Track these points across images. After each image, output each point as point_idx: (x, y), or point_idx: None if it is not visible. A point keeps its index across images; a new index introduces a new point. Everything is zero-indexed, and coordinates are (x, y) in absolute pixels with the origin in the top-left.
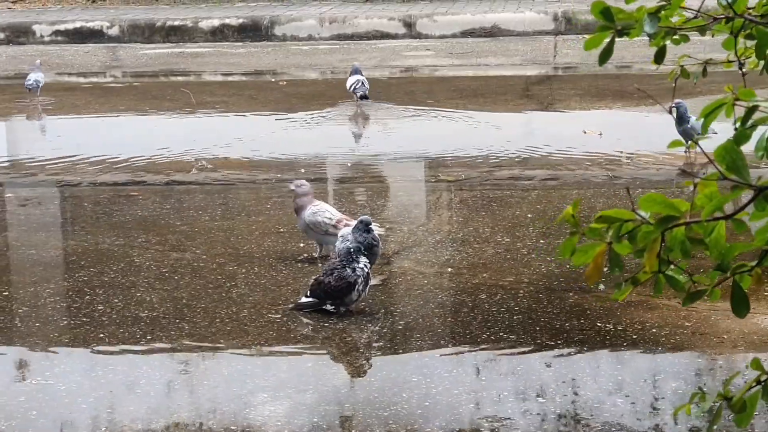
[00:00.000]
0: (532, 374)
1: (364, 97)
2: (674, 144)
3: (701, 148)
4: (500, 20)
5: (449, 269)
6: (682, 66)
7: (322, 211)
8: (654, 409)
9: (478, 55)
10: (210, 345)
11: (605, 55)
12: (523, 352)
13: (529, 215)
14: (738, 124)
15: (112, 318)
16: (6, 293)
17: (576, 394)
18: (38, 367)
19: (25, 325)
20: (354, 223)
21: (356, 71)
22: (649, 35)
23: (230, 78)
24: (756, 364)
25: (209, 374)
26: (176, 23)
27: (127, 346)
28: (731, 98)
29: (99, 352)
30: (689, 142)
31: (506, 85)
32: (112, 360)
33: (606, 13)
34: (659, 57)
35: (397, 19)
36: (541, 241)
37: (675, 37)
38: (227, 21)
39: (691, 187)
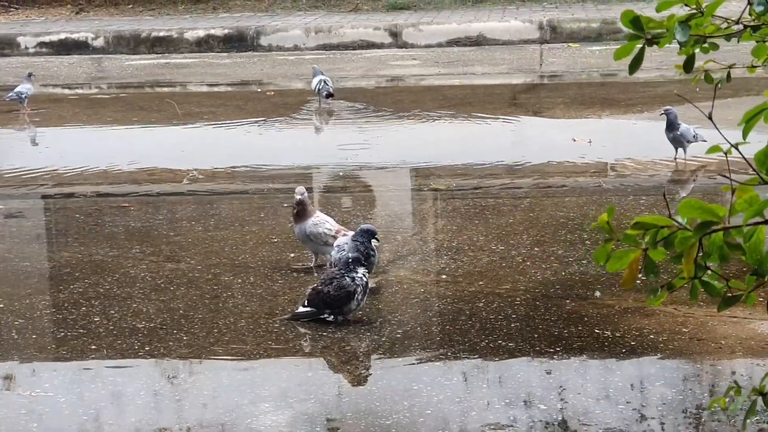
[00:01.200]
0: (533, 381)
1: (329, 95)
2: (713, 149)
3: (739, 151)
4: (486, 29)
5: (445, 277)
6: (706, 71)
7: (322, 222)
8: (654, 415)
9: (464, 64)
10: (209, 355)
11: (635, 64)
12: (523, 360)
13: (522, 223)
14: None
15: (109, 329)
16: (1, 305)
17: (577, 400)
18: (37, 380)
19: (22, 338)
20: (351, 233)
21: (318, 72)
22: (680, 43)
23: (216, 89)
24: None
25: (210, 384)
26: (161, 34)
27: (126, 358)
28: None
29: (98, 363)
30: (678, 149)
31: (493, 94)
32: (111, 371)
33: (636, 22)
34: (689, 65)
35: (382, 29)
36: (536, 248)
37: (704, 45)
38: (212, 32)
39: (682, 194)
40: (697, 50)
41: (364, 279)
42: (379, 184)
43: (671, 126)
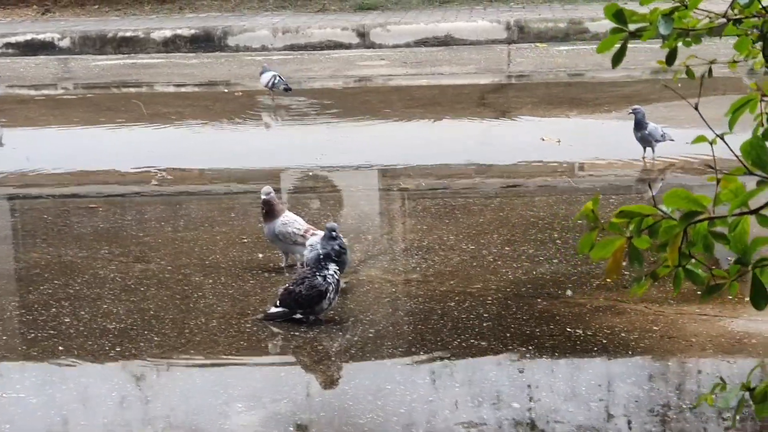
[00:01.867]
0: (505, 380)
1: (288, 89)
2: (698, 140)
3: (726, 143)
4: (453, 29)
5: (416, 277)
6: (688, 66)
7: (291, 221)
8: (626, 413)
9: (432, 64)
10: (181, 356)
11: (618, 58)
12: (495, 359)
13: (492, 222)
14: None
15: (80, 330)
16: None
17: (549, 399)
18: (8, 381)
19: None
20: (320, 233)
21: (267, 69)
22: (663, 37)
23: (184, 89)
24: None
25: (181, 385)
26: (128, 34)
27: (97, 358)
28: (757, 95)
29: (69, 364)
30: (647, 148)
31: (462, 94)
32: (82, 372)
33: (619, 15)
34: (671, 59)
35: (350, 29)
36: (507, 248)
37: (687, 39)
38: (179, 32)
39: (650, 192)
40: (679, 44)
41: (336, 277)
42: (349, 184)
43: (639, 125)
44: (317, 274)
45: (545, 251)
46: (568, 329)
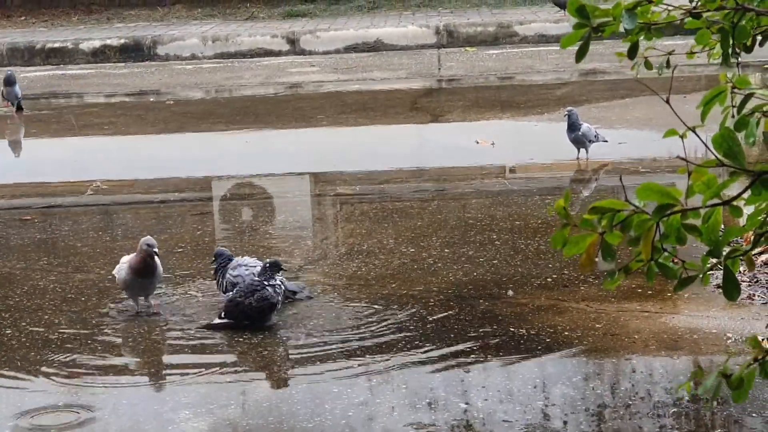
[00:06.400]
0: (452, 380)
1: (20, 109)
2: (670, 133)
3: (697, 135)
4: (383, 35)
5: (358, 281)
6: (646, 58)
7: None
8: (573, 410)
9: (363, 69)
10: (126, 363)
11: (581, 53)
12: (441, 360)
13: (431, 225)
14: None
15: (22, 341)
16: None
17: (496, 398)
18: None
19: None
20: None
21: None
22: (626, 31)
23: (114, 99)
24: (754, 341)
25: (127, 393)
26: (56, 45)
27: (43, 369)
28: (728, 86)
29: (13, 376)
30: (580, 149)
31: (394, 99)
32: (28, 384)
33: (581, 11)
34: (632, 52)
35: (280, 36)
36: (446, 250)
37: (649, 33)
38: (108, 42)
39: (585, 193)
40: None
41: (283, 286)
42: (285, 190)
43: (573, 127)
44: (266, 285)
45: (485, 252)
46: (512, 329)
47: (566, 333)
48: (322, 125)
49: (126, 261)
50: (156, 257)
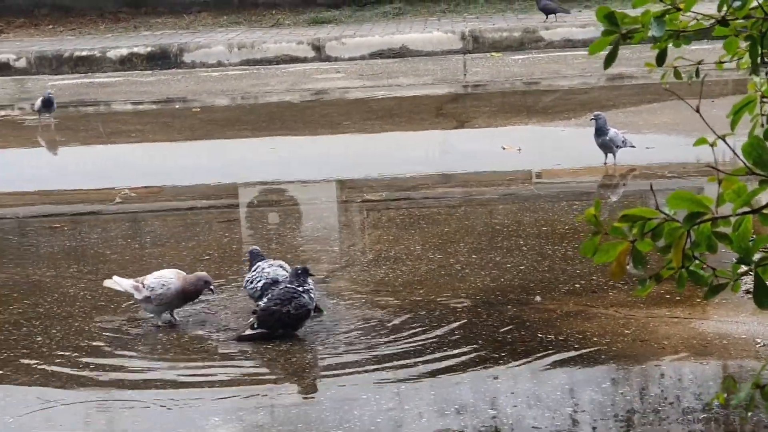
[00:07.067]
0: (481, 386)
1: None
2: (700, 142)
3: (727, 144)
4: (408, 41)
5: (385, 287)
6: (675, 68)
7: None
8: (602, 416)
9: (388, 76)
10: (155, 371)
11: (610, 59)
12: (469, 366)
13: (458, 231)
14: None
15: (53, 349)
16: None
17: (525, 404)
18: None
19: None
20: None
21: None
22: (655, 38)
23: (141, 106)
24: None
25: (159, 399)
26: (84, 53)
27: (72, 377)
28: (758, 95)
29: (44, 383)
30: (608, 154)
31: (420, 105)
32: (61, 391)
33: (610, 17)
34: (661, 59)
35: (305, 43)
36: (474, 256)
37: (677, 40)
38: (135, 50)
39: (613, 198)
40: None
41: (314, 292)
42: (312, 197)
43: (600, 131)
44: (302, 292)
45: (512, 258)
46: (540, 335)
47: (595, 339)
48: (348, 131)
49: (173, 277)
50: (209, 294)
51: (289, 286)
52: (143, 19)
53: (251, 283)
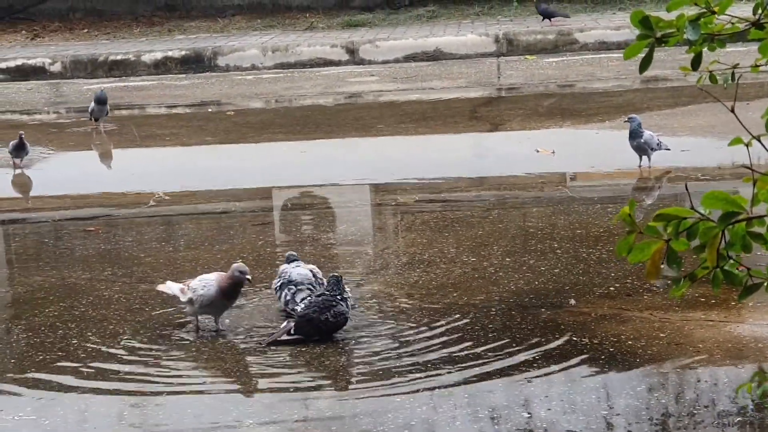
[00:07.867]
0: (515, 390)
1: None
2: (735, 142)
3: (762, 144)
4: (442, 44)
5: (419, 290)
6: (711, 72)
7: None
8: (638, 420)
9: (422, 79)
10: (189, 374)
11: (645, 63)
12: (503, 370)
13: (492, 234)
14: None
15: (88, 351)
16: None
17: (560, 408)
18: (19, 403)
19: (0, 362)
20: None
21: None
22: (690, 42)
23: (176, 110)
24: None
25: (192, 403)
26: (118, 57)
27: (108, 379)
28: None
29: (80, 386)
30: (642, 157)
31: (453, 108)
32: (95, 394)
33: (645, 21)
34: (696, 63)
35: (339, 46)
36: (507, 259)
37: (712, 43)
38: (170, 53)
39: (648, 201)
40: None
41: (352, 300)
42: (346, 200)
43: (635, 134)
44: (340, 300)
45: (546, 261)
46: (574, 338)
47: (630, 342)
48: (381, 135)
49: (214, 278)
50: (247, 284)
51: (327, 294)
52: (177, 23)
53: (275, 285)
